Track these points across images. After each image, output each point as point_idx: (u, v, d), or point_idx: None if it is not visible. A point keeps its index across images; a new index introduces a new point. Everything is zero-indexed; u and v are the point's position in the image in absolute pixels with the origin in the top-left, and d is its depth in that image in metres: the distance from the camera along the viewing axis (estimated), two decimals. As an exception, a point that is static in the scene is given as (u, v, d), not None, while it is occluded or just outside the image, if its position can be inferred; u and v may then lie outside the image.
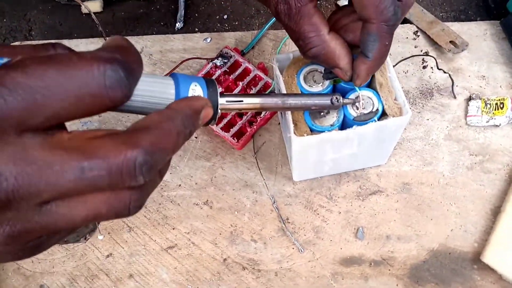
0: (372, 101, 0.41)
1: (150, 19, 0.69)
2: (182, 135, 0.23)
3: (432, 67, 0.56)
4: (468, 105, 0.53)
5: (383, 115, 0.41)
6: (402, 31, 0.59)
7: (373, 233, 0.49)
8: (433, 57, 0.55)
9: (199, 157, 0.55)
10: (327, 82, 0.42)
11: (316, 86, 0.43)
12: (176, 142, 0.22)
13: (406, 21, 0.59)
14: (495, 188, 0.49)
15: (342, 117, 0.41)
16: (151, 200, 0.53)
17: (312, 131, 0.41)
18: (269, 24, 0.59)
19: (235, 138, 0.53)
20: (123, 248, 0.51)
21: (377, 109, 0.40)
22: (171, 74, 0.30)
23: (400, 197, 0.50)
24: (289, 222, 0.50)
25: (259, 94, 0.34)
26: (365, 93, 0.42)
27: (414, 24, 0.59)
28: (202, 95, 0.29)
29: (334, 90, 0.44)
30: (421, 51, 0.57)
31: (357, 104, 0.41)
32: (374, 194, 0.51)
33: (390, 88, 0.41)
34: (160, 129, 0.21)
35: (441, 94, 0.54)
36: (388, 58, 0.42)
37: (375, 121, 0.40)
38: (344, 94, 0.42)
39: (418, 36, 0.58)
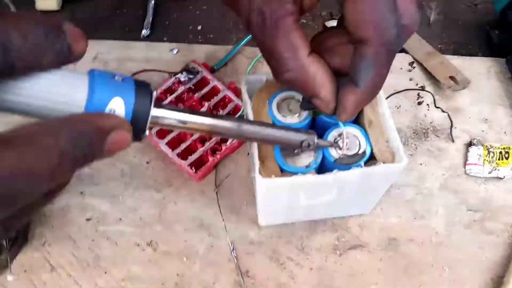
0: (359, 141, 0.33)
1: (114, 23, 0.61)
2: (68, 158, 0.18)
3: (428, 104, 0.49)
4: (468, 151, 0.45)
5: (371, 159, 0.33)
6: (396, 61, 0.51)
7: (350, 298, 0.40)
8: (430, 92, 0.48)
9: (148, 187, 0.46)
10: (305, 113, 0.34)
11: (291, 117, 0.34)
12: (57, 166, 0.18)
13: (401, 50, 0.52)
14: (497, 254, 0.41)
15: (320, 157, 0.33)
16: (83, 235, 0.43)
17: (283, 172, 0.33)
18: (246, 39, 0.51)
19: (193, 168, 0.44)
20: (38, 294, 0.41)
21: (364, 152, 0.32)
22: (89, 71, 0.22)
23: (385, 255, 0.41)
24: (248, 276, 0.41)
25: (209, 113, 0.25)
26: (351, 130, 0.33)
27: (410, 54, 0.52)
28: (124, 103, 0.22)
29: (313, 123, 0.36)
30: (417, 84, 0.50)
31: (339, 143, 0.33)
32: (354, 249, 0.42)
33: (382, 128, 0.33)
34: (33, 145, 0.17)
35: (438, 136, 0.47)
36: (381, 93, 0.34)
37: (361, 166, 0.32)
38: (324, 130, 0.34)
39: (414, 67, 0.51)
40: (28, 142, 0.17)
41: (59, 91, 0.20)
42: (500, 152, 0.44)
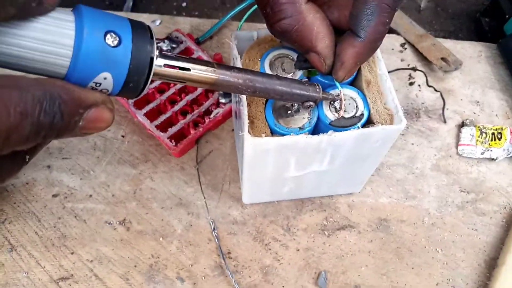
0: (356, 103, 0.31)
1: (92, -3, 0.57)
2: (30, 121, 0.16)
3: (420, 85, 0.47)
4: (461, 132, 0.44)
5: (368, 123, 0.31)
6: (387, 41, 0.50)
7: (339, 280, 0.37)
8: (422, 71, 0.46)
9: (122, 162, 0.42)
10: (299, 73, 0.32)
11: (285, 76, 0.32)
12: (15, 127, 0.16)
13: (392, 31, 0.51)
14: (490, 235, 0.39)
15: (315, 119, 0.30)
16: (48, 212, 0.39)
17: (273, 134, 0.30)
18: (234, 12, 0.49)
19: (173, 141, 0.41)
20: (-6, 275, 0.37)
21: (362, 114, 0.30)
22: (75, 8, 0.19)
23: (375, 236, 0.39)
24: (230, 258, 0.38)
25: (215, 63, 0.23)
26: (348, 92, 0.31)
27: (402, 36, 0.50)
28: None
29: (307, 83, 0.33)
30: (408, 65, 0.48)
31: (336, 104, 0.30)
32: (343, 230, 0.39)
33: (380, 89, 0.31)
34: None
35: (429, 117, 0.45)
36: (378, 52, 0.32)
37: (358, 128, 0.29)
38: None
39: (406, 49, 0.50)
40: None
41: (36, 46, 0.18)
42: (493, 133, 0.43)
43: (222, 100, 0.43)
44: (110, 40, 0.19)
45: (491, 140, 0.42)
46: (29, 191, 0.40)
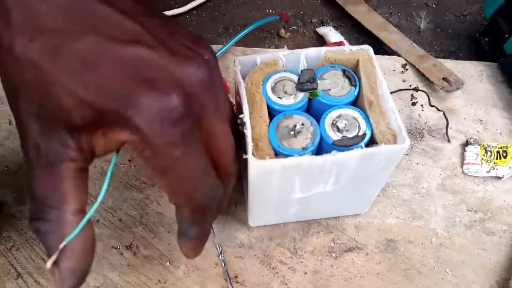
0: (358, 123, 0.31)
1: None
2: None
3: (422, 105, 0.47)
4: (465, 150, 0.44)
5: (371, 143, 0.31)
6: (389, 63, 0.51)
7: (348, 304, 0.37)
8: (424, 91, 0.47)
9: (129, 187, 0.42)
10: (300, 95, 0.33)
11: (287, 98, 0.33)
12: None
13: (393, 53, 0.52)
14: (500, 255, 0.39)
15: (318, 139, 0.31)
16: (55, 238, 0.39)
17: (277, 155, 0.30)
18: (237, 38, 0.50)
19: None
20: (0, 303, 0.36)
21: (364, 133, 0.30)
22: None
23: (384, 258, 0.39)
24: (237, 282, 0.38)
25: None
26: (350, 112, 0.32)
27: (403, 57, 0.51)
28: None
29: (310, 105, 0.34)
30: (410, 86, 0.49)
31: (338, 124, 0.31)
32: (351, 252, 0.39)
33: (383, 109, 0.31)
34: None
35: (433, 136, 0.45)
36: (380, 73, 0.33)
37: (362, 147, 0.30)
38: (321, 112, 0.32)
39: (407, 69, 0.50)
40: None
41: None
42: (498, 152, 0.43)
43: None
44: None
45: (496, 159, 0.42)
46: (36, 218, 0.41)
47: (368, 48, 0.35)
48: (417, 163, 0.44)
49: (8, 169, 0.43)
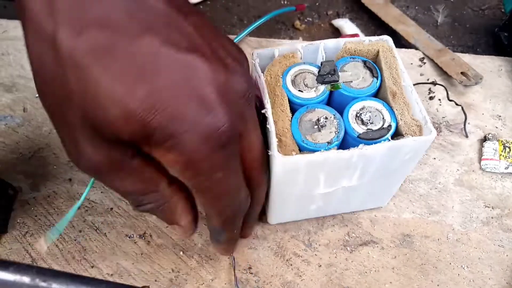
0: (382, 115, 0.31)
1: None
2: None
3: (440, 99, 0.47)
4: (483, 146, 0.43)
5: (396, 135, 0.30)
6: (407, 56, 0.50)
7: (362, 297, 0.36)
8: (443, 85, 0.46)
9: (143, 175, 0.42)
10: (322, 87, 0.32)
11: (307, 91, 0.32)
12: None
13: (411, 46, 0.51)
14: (517, 252, 0.38)
15: (342, 133, 0.30)
16: (69, 225, 0.39)
17: (302, 151, 0.30)
18: (252, 27, 0.49)
19: None
20: (15, 288, 0.36)
21: (390, 125, 0.30)
22: None
23: (399, 252, 0.38)
24: (251, 273, 0.37)
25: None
26: (373, 104, 0.31)
27: (420, 50, 0.50)
28: None
29: (330, 98, 0.33)
30: (428, 79, 0.48)
31: (362, 116, 0.30)
32: (366, 245, 0.39)
33: (406, 100, 0.31)
34: None
35: (451, 131, 0.45)
36: (401, 65, 0.32)
37: (388, 140, 0.29)
38: (343, 105, 0.32)
39: (425, 63, 0.50)
40: None
41: None
42: (517, 148, 0.42)
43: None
44: None
45: (515, 155, 0.42)
46: (50, 204, 0.41)
47: (387, 39, 0.34)
48: (434, 158, 0.43)
49: (22, 156, 0.43)
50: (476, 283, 0.37)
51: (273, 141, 0.28)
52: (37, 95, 0.47)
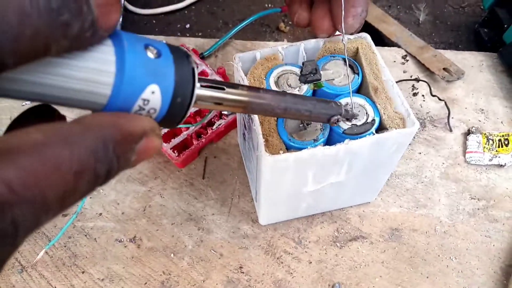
0: (366, 110, 0.31)
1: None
2: (86, 178, 0.14)
3: (423, 95, 0.47)
4: (467, 139, 0.44)
5: (380, 129, 0.31)
6: (389, 54, 0.51)
7: (353, 292, 0.37)
8: (425, 81, 0.47)
9: (131, 180, 0.42)
10: (305, 87, 0.32)
11: (291, 91, 0.32)
12: (71, 190, 0.13)
13: (393, 44, 0.52)
14: (504, 242, 0.39)
15: (328, 130, 0.31)
16: (58, 231, 0.39)
17: (289, 149, 0.30)
18: (238, 28, 0.50)
19: (175, 152, 0.41)
20: (4, 296, 0.36)
21: (373, 120, 0.30)
22: (115, 40, 0.17)
23: (388, 246, 0.39)
24: (242, 272, 0.38)
25: (248, 87, 0.23)
26: (356, 100, 0.32)
27: (403, 48, 0.51)
28: (161, 92, 0.17)
29: (314, 96, 0.34)
30: (411, 76, 0.49)
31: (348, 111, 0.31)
32: (355, 241, 0.39)
33: (388, 94, 0.31)
34: (40, 161, 0.12)
35: (435, 126, 0.45)
36: (381, 60, 0.33)
37: (373, 133, 0.29)
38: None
39: (407, 60, 0.50)
40: (34, 156, 0.12)
41: (78, 75, 0.15)
42: (500, 140, 0.43)
43: (225, 112, 0.44)
44: (150, 53, 0.17)
45: (498, 147, 0.43)
46: (39, 212, 0.40)
47: (366, 36, 0.35)
48: (420, 153, 0.44)
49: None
50: (464, 273, 0.37)
51: (260, 141, 0.29)
52: (23, 104, 0.47)
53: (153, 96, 0.17)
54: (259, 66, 0.34)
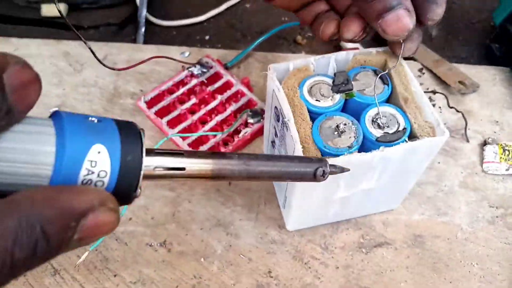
0: (397, 119, 0.33)
1: (119, 33, 0.60)
2: (5, 264, 0.12)
3: (440, 107, 0.49)
4: (484, 150, 0.45)
5: (410, 137, 0.32)
6: (406, 67, 0.53)
7: (380, 296, 0.38)
8: (443, 94, 0.48)
9: (160, 186, 0.43)
10: (337, 96, 0.34)
11: (324, 101, 0.34)
12: None
13: (409, 58, 0.54)
14: (523, 249, 0.40)
15: (361, 137, 0.32)
16: (90, 235, 0.40)
17: (324, 156, 0.31)
18: (259, 41, 0.51)
19: None
20: (39, 298, 0.37)
21: (405, 128, 0.32)
22: (54, 115, 0.17)
23: (412, 252, 0.40)
24: (271, 277, 0.38)
25: (211, 153, 0.22)
26: (387, 109, 0.33)
27: (419, 62, 0.53)
28: (108, 152, 0.16)
29: (345, 106, 0.35)
30: (428, 89, 0.51)
31: (378, 121, 0.32)
32: (380, 247, 0.40)
33: (418, 104, 0.33)
34: None
35: (453, 137, 0.47)
36: (409, 72, 0.35)
37: (406, 141, 0.31)
38: (358, 112, 0.34)
39: (423, 73, 0.52)
40: None
41: (17, 150, 0.15)
42: (516, 151, 0.44)
43: (251, 121, 0.45)
44: (91, 119, 0.17)
45: (515, 157, 0.44)
46: (70, 216, 0.41)
47: None
48: (439, 162, 0.45)
49: (39, 169, 0.44)
50: (486, 279, 0.39)
51: (298, 147, 0.30)
52: (51, 110, 0.48)
53: (100, 157, 0.16)
54: (292, 77, 0.35)
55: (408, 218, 0.42)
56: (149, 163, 0.18)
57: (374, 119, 0.32)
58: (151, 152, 0.19)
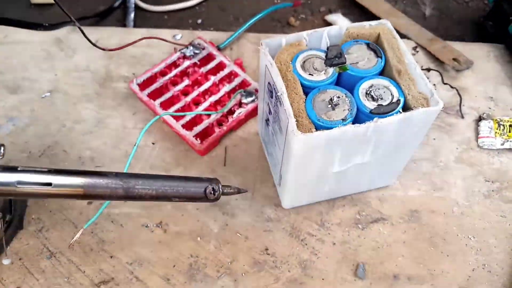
0: (390, 91, 0.32)
1: (109, 17, 0.60)
2: None
3: (435, 84, 0.49)
4: (479, 125, 0.45)
5: (405, 109, 0.32)
6: (400, 45, 0.52)
7: (377, 271, 0.38)
8: (437, 71, 0.48)
9: (155, 167, 0.43)
10: (331, 70, 0.34)
11: (317, 75, 0.34)
12: None
13: (403, 36, 0.53)
14: (519, 221, 0.40)
15: (355, 110, 0.32)
16: (85, 218, 0.40)
17: (318, 129, 0.31)
18: (250, 22, 0.51)
19: (198, 139, 0.42)
20: (37, 280, 0.37)
21: (399, 99, 0.32)
22: None
23: (408, 227, 0.40)
24: (268, 254, 0.38)
25: (82, 171, 0.22)
26: (381, 82, 0.33)
27: (413, 40, 0.53)
28: None
29: (338, 79, 0.35)
30: (422, 66, 0.50)
31: (372, 93, 0.32)
32: (376, 222, 0.40)
33: (411, 76, 0.33)
34: None
35: (447, 113, 0.47)
36: (403, 44, 0.34)
37: (400, 112, 0.31)
38: (351, 85, 0.33)
39: (418, 51, 0.52)
40: None
41: None
42: (510, 125, 0.44)
43: (244, 101, 0.45)
44: None
45: (509, 132, 0.44)
46: (64, 200, 0.41)
47: (386, 22, 0.36)
48: (434, 138, 0.45)
49: (32, 154, 0.44)
50: (483, 251, 0.39)
51: (292, 121, 0.30)
52: (43, 95, 0.47)
53: None
54: (284, 52, 0.35)
55: (404, 194, 0.42)
56: (9, 179, 0.18)
57: (368, 92, 0.32)
58: (13, 169, 0.18)
